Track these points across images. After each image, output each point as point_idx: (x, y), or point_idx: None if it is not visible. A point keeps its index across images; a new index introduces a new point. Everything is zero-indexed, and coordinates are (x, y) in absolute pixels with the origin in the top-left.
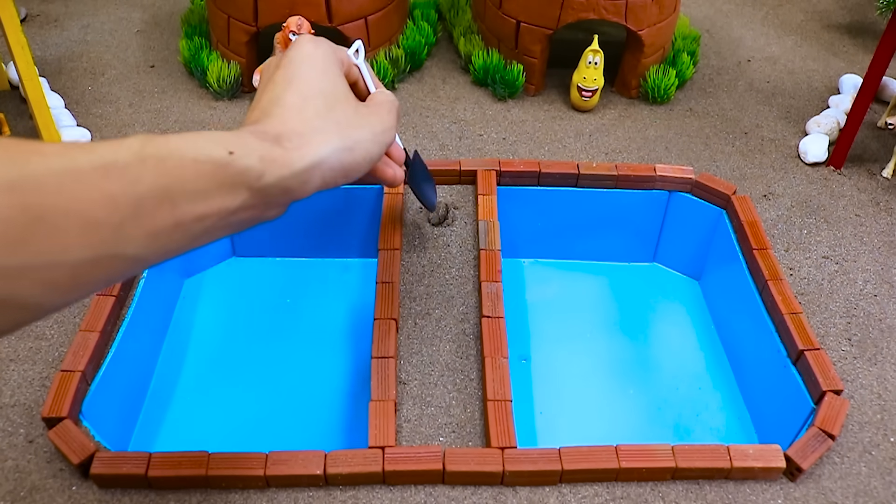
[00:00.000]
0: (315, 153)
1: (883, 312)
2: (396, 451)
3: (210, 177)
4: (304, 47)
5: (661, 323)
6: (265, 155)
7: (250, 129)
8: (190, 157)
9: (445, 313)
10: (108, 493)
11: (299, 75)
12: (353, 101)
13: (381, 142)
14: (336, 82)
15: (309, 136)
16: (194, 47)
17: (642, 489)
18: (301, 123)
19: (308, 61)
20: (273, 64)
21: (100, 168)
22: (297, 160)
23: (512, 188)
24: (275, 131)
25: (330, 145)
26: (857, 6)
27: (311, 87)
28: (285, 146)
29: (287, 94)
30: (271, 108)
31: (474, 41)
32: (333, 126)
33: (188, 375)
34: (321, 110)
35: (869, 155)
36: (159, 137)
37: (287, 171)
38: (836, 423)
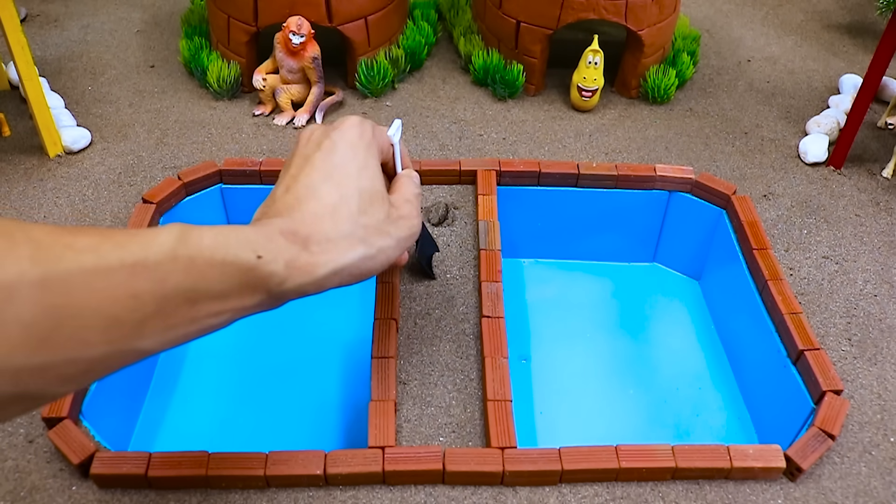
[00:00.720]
0: (339, 261)
1: (883, 312)
2: (396, 451)
3: (235, 279)
4: (349, 132)
5: (661, 323)
6: (291, 261)
7: (282, 224)
8: (219, 258)
9: (445, 313)
10: (108, 493)
11: (340, 167)
12: (386, 203)
13: (403, 247)
14: (374, 179)
15: (337, 241)
16: (194, 47)
17: (642, 489)
18: (332, 227)
19: (351, 151)
20: (315, 137)
21: (130, 266)
22: (321, 267)
23: (512, 188)
24: (305, 232)
25: (355, 253)
26: (857, 6)
27: (349, 182)
28: (312, 251)
29: (324, 188)
30: (306, 201)
31: (474, 41)
32: (362, 231)
33: (188, 375)
34: (354, 212)
35: (869, 155)
36: (194, 233)
37: (309, 277)
38: (836, 423)
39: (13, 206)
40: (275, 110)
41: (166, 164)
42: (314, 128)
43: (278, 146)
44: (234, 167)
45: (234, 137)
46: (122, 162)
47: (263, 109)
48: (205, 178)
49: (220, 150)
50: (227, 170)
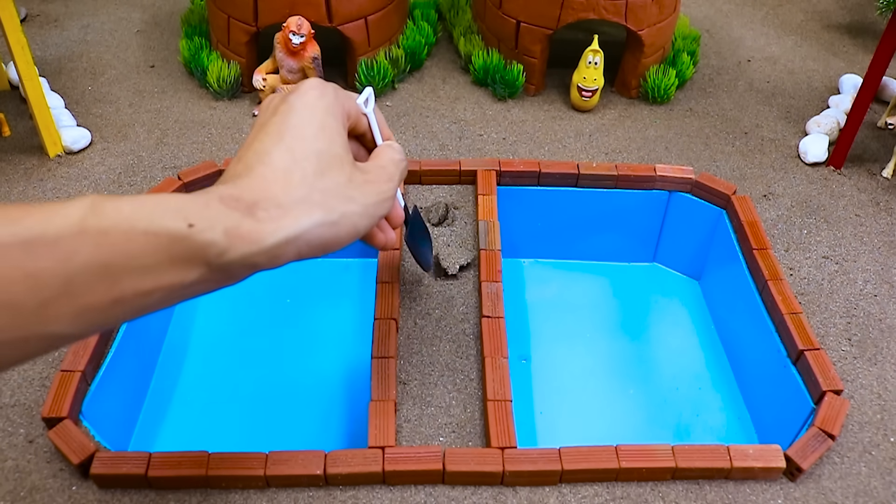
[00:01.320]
0: (292, 227)
1: (883, 312)
2: (396, 451)
3: (162, 251)
4: (307, 94)
5: (661, 323)
6: (232, 228)
7: (223, 191)
8: (140, 228)
9: (445, 313)
10: (108, 493)
11: (294, 129)
12: (348, 166)
13: (372, 215)
14: (334, 141)
15: (289, 207)
16: (194, 47)
17: (642, 489)
18: (283, 190)
19: (308, 112)
20: (274, 104)
21: (24, 243)
22: (270, 235)
23: (512, 188)
24: (251, 197)
25: (311, 219)
26: (857, 6)
27: (304, 145)
28: (259, 217)
29: (276, 151)
30: (255, 166)
31: (474, 41)
32: (319, 196)
33: (188, 375)
34: (309, 175)
35: (869, 155)
36: (110, 202)
37: (255, 246)
38: (836, 423)
39: None
40: None
41: (166, 164)
42: (274, 95)
43: None
44: None
45: (234, 137)
46: (122, 162)
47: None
48: (205, 178)
49: (220, 150)
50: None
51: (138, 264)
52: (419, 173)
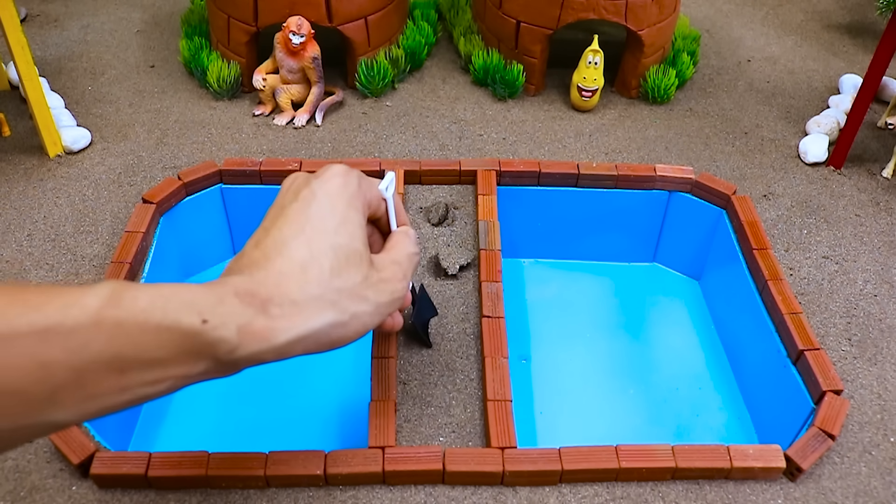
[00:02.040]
0: (303, 327)
1: (883, 312)
2: (396, 451)
3: (174, 345)
4: (331, 182)
5: (661, 323)
6: (245, 326)
7: (239, 284)
8: (154, 322)
9: (445, 313)
10: (108, 493)
11: (315, 220)
12: (365, 264)
13: (384, 313)
14: (354, 236)
15: (302, 306)
16: (194, 47)
17: (642, 489)
18: (299, 288)
19: (329, 203)
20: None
21: (40, 332)
22: (281, 332)
23: (512, 188)
24: (266, 293)
25: (323, 319)
26: (857, 6)
27: (324, 239)
28: (272, 314)
29: (294, 243)
30: (273, 257)
31: (474, 41)
32: (334, 295)
33: None
34: (326, 272)
35: (869, 155)
36: (128, 293)
37: (266, 344)
38: (836, 423)
39: (13, 206)
40: (275, 110)
41: (166, 164)
42: (297, 176)
43: (278, 146)
44: (234, 167)
45: (234, 137)
46: (122, 162)
47: (263, 109)
48: (205, 178)
49: (220, 150)
50: (227, 170)
51: (148, 357)
52: (419, 173)
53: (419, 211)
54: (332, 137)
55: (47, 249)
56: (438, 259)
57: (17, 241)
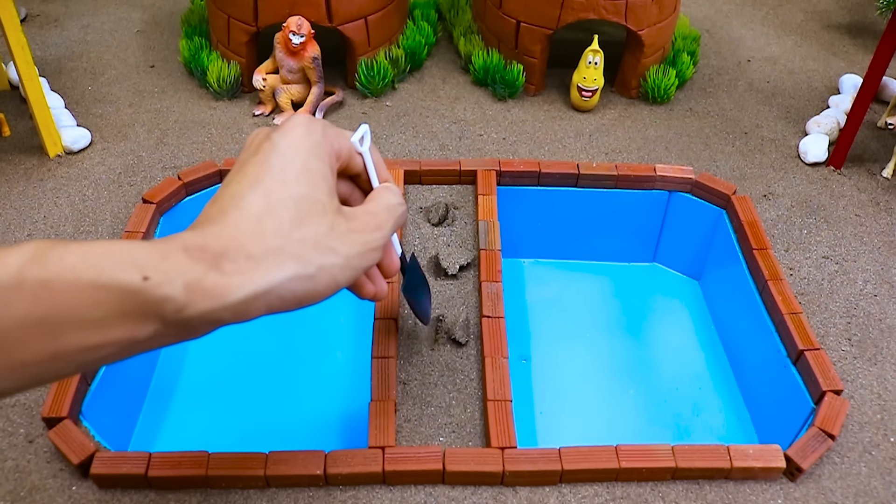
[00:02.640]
0: (261, 281)
1: (883, 312)
2: (396, 451)
3: (111, 305)
4: (292, 132)
5: (661, 323)
6: (193, 282)
7: (189, 239)
8: (87, 280)
9: (446, 313)
10: (108, 493)
11: (274, 170)
12: (331, 213)
13: (355, 266)
14: (316, 185)
15: (260, 259)
16: (194, 47)
17: (642, 489)
18: (255, 240)
19: (291, 152)
20: (257, 140)
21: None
22: (236, 289)
23: (512, 188)
24: (219, 247)
25: (283, 272)
26: (857, 6)
27: (283, 189)
28: (225, 269)
29: (251, 195)
30: (229, 210)
31: (474, 41)
32: (295, 246)
33: (188, 375)
34: (285, 224)
35: (869, 155)
36: (56, 250)
37: (219, 301)
38: (836, 423)
39: (13, 205)
40: (275, 110)
41: (166, 164)
42: (259, 131)
43: None
44: None
45: (234, 137)
46: (122, 162)
47: (263, 109)
48: (205, 178)
49: (220, 150)
50: (227, 170)
51: (83, 318)
52: (419, 173)
53: (419, 211)
54: None
55: None
56: (438, 259)
57: (17, 241)
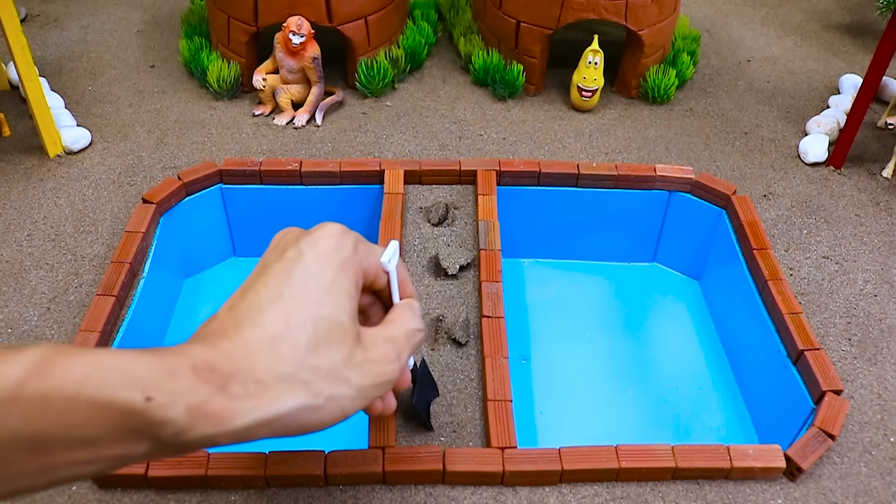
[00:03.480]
0: (267, 410)
1: (883, 312)
2: (396, 451)
3: (109, 424)
4: (322, 244)
5: (661, 323)
6: (197, 406)
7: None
8: (87, 397)
9: (446, 313)
10: (107, 493)
11: (297, 285)
12: (350, 341)
13: (368, 397)
14: (340, 307)
15: (269, 385)
16: (194, 47)
17: (642, 489)
18: (267, 365)
19: (317, 267)
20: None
21: None
22: (241, 415)
23: (512, 188)
24: (229, 368)
25: (291, 402)
26: (857, 6)
27: (304, 308)
28: (232, 393)
29: (270, 312)
30: (244, 326)
31: (474, 41)
32: (307, 375)
33: None
34: (301, 349)
35: (869, 155)
36: (61, 362)
37: (220, 428)
38: (836, 423)
39: (13, 205)
40: (275, 110)
41: (166, 164)
42: (287, 231)
43: (278, 146)
44: (234, 167)
45: (234, 137)
46: (122, 162)
47: (263, 109)
48: (205, 178)
49: (220, 150)
50: (227, 170)
51: (77, 436)
52: (419, 173)
53: (419, 211)
54: (332, 137)
55: (47, 249)
56: (438, 259)
57: (17, 241)
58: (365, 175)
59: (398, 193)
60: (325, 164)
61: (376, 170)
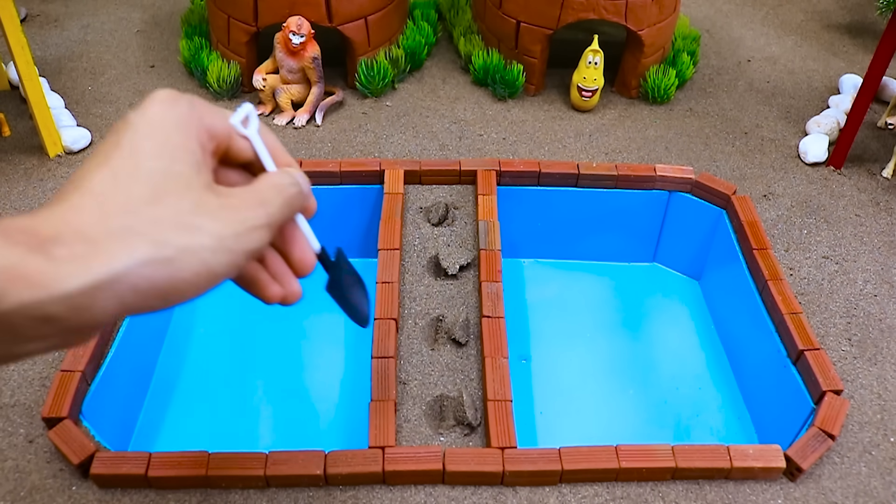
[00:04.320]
0: (102, 268)
1: (883, 312)
2: (396, 451)
3: None
4: (150, 108)
5: (661, 323)
6: (12, 269)
7: (11, 223)
8: None
9: (446, 313)
10: (108, 493)
11: (125, 147)
12: (197, 188)
13: (233, 249)
14: (177, 158)
15: (101, 242)
16: (194, 47)
17: (642, 489)
18: (96, 220)
19: (147, 128)
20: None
21: None
22: (68, 277)
23: (512, 188)
24: (48, 231)
25: (132, 256)
26: (857, 6)
27: (136, 165)
28: (53, 254)
29: (97, 174)
30: (70, 194)
31: (474, 41)
32: (148, 226)
33: (188, 375)
34: (135, 200)
35: (869, 155)
36: None
37: (44, 292)
38: (836, 423)
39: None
40: (275, 110)
41: None
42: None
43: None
44: None
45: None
46: None
47: (263, 109)
48: None
49: None
50: None
51: None
52: (419, 173)
53: (419, 211)
54: (332, 137)
55: None
56: (438, 259)
57: None
58: (365, 175)
59: (398, 193)
60: (325, 164)
61: (376, 170)
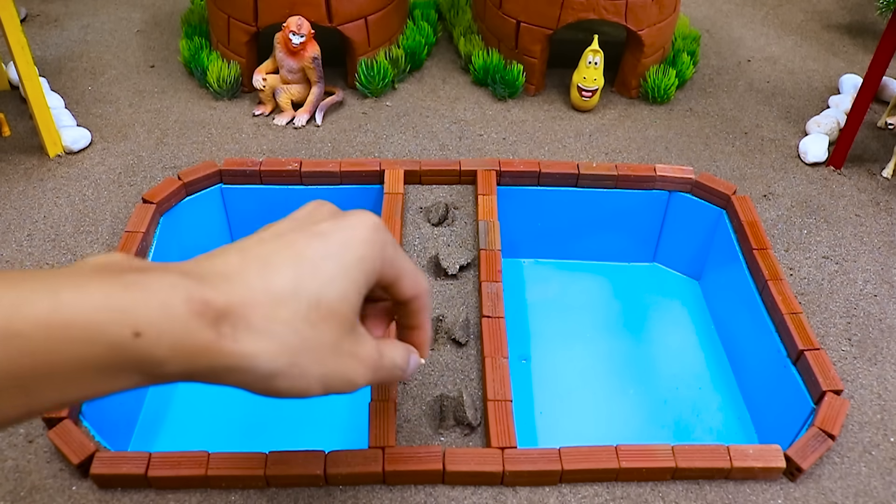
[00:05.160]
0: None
1: (883, 312)
2: (396, 451)
3: (95, 361)
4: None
5: (661, 323)
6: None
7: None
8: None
9: (446, 313)
10: (107, 493)
11: (315, 260)
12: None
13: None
14: (346, 296)
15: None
16: (194, 47)
17: (642, 489)
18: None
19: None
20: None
21: None
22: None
23: (512, 188)
24: (223, 306)
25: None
26: (857, 6)
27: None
28: (222, 332)
29: (281, 271)
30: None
31: (474, 41)
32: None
33: None
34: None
35: (869, 155)
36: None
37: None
38: (836, 423)
39: (13, 205)
40: (275, 110)
41: (166, 164)
42: (323, 203)
43: (278, 146)
44: (234, 167)
45: (234, 137)
46: (122, 162)
47: (263, 109)
48: (205, 178)
49: (220, 150)
50: (227, 170)
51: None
52: (419, 173)
53: (419, 211)
54: (332, 137)
55: (47, 249)
56: (438, 259)
57: (17, 241)
58: (365, 175)
59: (398, 193)
60: (325, 164)
61: (376, 170)
